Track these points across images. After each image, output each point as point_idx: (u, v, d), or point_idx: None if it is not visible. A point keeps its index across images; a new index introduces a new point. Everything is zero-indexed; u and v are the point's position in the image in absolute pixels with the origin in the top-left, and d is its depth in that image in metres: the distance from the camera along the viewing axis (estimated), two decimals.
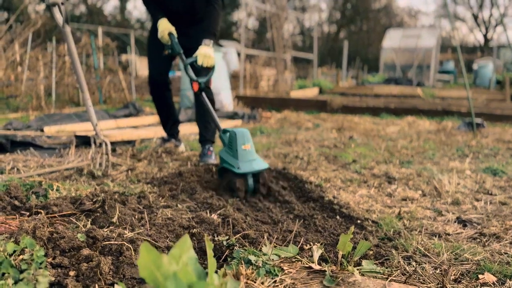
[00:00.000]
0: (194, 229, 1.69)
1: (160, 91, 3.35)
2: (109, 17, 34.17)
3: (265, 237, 1.60)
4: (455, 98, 9.74)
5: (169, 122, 3.51)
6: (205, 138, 3.22)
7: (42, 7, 25.28)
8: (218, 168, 2.47)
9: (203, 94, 2.80)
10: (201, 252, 1.52)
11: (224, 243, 1.56)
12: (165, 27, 2.93)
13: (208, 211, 2.01)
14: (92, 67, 7.71)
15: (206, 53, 2.78)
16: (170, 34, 2.93)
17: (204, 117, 3.20)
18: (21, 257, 1.18)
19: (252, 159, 2.30)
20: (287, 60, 12.24)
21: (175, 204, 2.09)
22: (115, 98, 7.79)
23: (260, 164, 2.31)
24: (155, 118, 5.44)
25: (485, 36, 37.01)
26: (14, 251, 1.20)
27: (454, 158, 3.51)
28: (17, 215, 1.77)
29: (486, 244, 1.75)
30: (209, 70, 2.92)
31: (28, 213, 1.80)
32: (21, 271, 1.15)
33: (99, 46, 8.20)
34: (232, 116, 5.99)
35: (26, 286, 1.08)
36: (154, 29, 3.11)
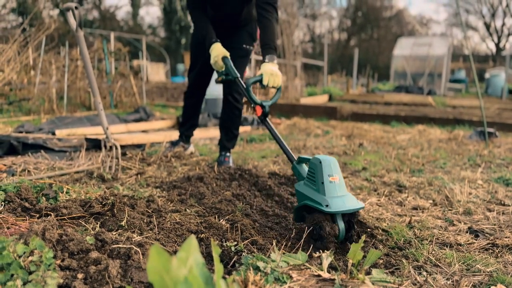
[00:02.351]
0: (203, 234, 1.68)
1: (195, 94, 3.39)
2: (122, 23, 34.58)
3: (274, 244, 1.59)
4: (467, 107, 9.65)
5: (189, 123, 3.57)
6: (224, 145, 3.25)
7: (56, 12, 25.68)
8: (296, 207, 1.90)
9: (268, 120, 2.35)
10: (209, 258, 1.52)
11: (232, 248, 1.55)
12: (219, 52, 2.64)
13: (216, 216, 2.00)
14: (104, 72, 7.78)
15: (272, 71, 2.41)
16: (224, 58, 2.62)
17: (227, 124, 3.23)
18: (30, 258, 1.18)
19: (343, 195, 1.76)
20: (297, 67, 12.24)
21: (183, 209, 2.09)
22: (126, 103, 7.85)
23: (353, 201, 1.75)
24: (165, 123, 5.46)
25: (497, 45, 36.74)
26: (24, 253, 1.20)
27: (466, 168, 3.46)
28: (27, 217, 1.78)
29: (499, 255, 1.72)
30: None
31: (38, 215, 1.81)
32: (30, 273, 1.15)
33: (111, 51, 8.28)
34: (242, 121, 6.00)
35: None
36: (197, 35, 3.09)
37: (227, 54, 2.65)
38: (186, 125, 3.58)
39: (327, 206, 1.68)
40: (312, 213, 1.78)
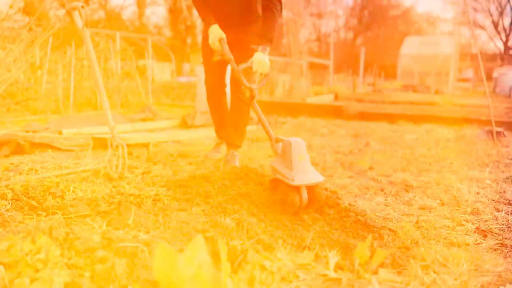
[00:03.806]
0: (209, 233, 1.68)
1: (216, 96, 3.33)
2: (127, 23, 34.69)
3: (280, 243, 1.58)
4: (475, 106, 9.57)
5: (223, 126, 3.47)
6: (233, 142, 3.23)
7: (62, 11, 25.82)
8: (270, 179, 2.32)
9: (254, 102, 2.67)
10: (214, 256, 1.51)
11: (238, 247, 1.55)
12: (216, 33, 2.84)
13: (222, 215, 1.99)
14: (110, 71, 7.81)
15: (261, 59, 2.72)
16: (221, 40, 2.84)
17: (236, 120, 3.21)
18: (37, 256, 1.18)
19: (308, 171, 2.14)
20: (303, 66, 12.21)
21: (189, 208, 2.09)
22: (132, 102, 7.87)
23: (315, 176, 2.13)
24: (171, 123, 5.47)
25: (505, 43, 36.41)
26: (31, 250, 1.20)
27: (474, 167, 3.43)
28: (34, 215, 1.79)
29: (508, 255, 1.70)
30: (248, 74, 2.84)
31: (45, 214, 1.82)
32: (37, 271, 1.15)
33: (117, 51, 8.30)
34: None
35: (41, 286, 1.09)
36: (206, 34, 3.07)
37: (224, 36, 2.86)
38: (220, 129, 3.50)
39: (292, 180, 2.06)
40: (281, 185, 2.16)
